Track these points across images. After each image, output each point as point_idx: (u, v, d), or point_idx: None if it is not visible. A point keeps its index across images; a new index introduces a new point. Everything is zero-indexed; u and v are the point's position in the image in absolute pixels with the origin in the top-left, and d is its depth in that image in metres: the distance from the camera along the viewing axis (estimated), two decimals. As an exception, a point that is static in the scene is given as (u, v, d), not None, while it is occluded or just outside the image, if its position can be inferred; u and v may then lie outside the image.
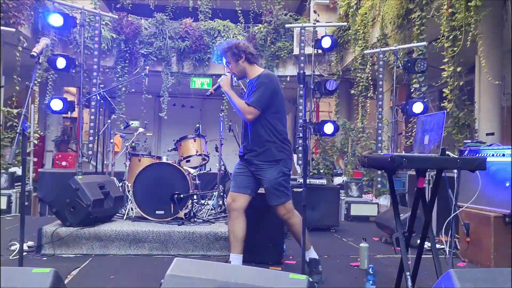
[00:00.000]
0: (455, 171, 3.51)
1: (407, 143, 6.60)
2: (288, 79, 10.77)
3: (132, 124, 6.49)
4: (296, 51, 10.13)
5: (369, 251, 3.84)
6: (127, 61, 10.43)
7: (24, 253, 3.86)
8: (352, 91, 8.65)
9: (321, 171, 7.25)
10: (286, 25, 7.94)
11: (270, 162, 3.30)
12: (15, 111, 7.51)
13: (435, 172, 2.72)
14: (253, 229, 3.90)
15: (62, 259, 3.94)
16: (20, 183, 6.36)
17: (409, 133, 6.79)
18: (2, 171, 6.51)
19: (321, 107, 11.75)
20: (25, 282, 1.88)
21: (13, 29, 7.22)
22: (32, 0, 8.03)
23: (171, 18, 10.86)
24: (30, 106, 8.20)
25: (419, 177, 2.73)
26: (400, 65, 6.11)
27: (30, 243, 4.23)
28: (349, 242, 5.03)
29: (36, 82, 8.84)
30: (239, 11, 10.94)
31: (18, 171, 6.60)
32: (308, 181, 5.45)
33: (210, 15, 11.10)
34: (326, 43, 5.94)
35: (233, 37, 10.71)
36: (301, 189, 5.31)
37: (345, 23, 8.08)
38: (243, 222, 3.39)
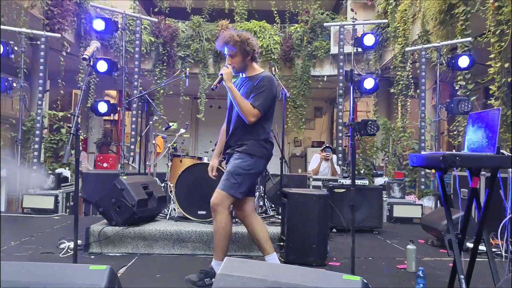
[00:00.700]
0: (510, 170, 3.35)
1: (455, 142, 6.38)
2: (325, 79, 10.66)
3: (172, 125, 6.58)
4: (333, 50, 10.01)
5: (416, 253, 3.74)
6: (165, 64, 10.59)
7: (72, 252, 4.00)
8: (392, 90, 8.47)
9: (361, 171, 7.13)
10: (325, 24, 7.85)
11: (243, 153, 3.22)
12: (60, 114, 7.75)
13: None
14: (296, 230, 3.89)
15: (109, 258, 4.03)
16: (66, 184, 6.59)
17: (454, 132, 6.57)
18: (49, 172, 6.74)
19: (358, 107, 11.57)
20: (82, 278, 1.91)
21: (59, 35, 7.47)
22: (75, 6, 8.28)
23: (208, 20, 10.95)
24: (81, 108, 8.47)
25: (473, 177, 2.62)
26: (443, 62, 5.91)
27: (78, 241, 4.34)
28: (393, 244, 4.91)
29: (79, 86, 9.12)
30: (275, 12, 10.90)
31: (64, 172, 6.82)
32: (350, 181, 5.39)
33: (246, 16, 11.12)
34: (368, 41, 5.83)
35: (269, 37, 10.69)
36: (343, 190, 5.28)
37: (386, 20, 7.91)
38: (259, 222, 3.38)
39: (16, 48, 6.54)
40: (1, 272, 1.90)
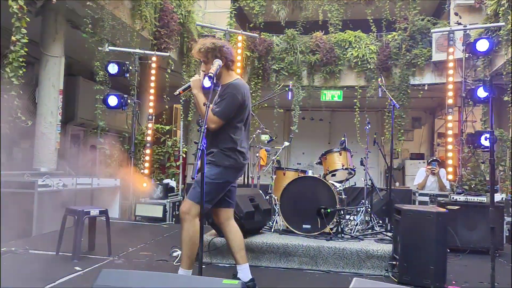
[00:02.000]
0: None
1: None
2: (426, 88, 10.14)
3: (265, 138, 6.66)
4: (435, 57, 9.51)
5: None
6: (260, 77, 10.80)
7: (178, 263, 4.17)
8: (506, 98, 7.78)
9: (472, 186, 6.61)
10: (432, 30, 7.44)
11: (209, 163, 3.22)
12: (166, 127, 8.22)
13: None
14: (411, 249, 3.69)
15: (219, 268, 4.14)
16: (172, 194, 6.94)
17: None
18: (157, 182, 7.17)
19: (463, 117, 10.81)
20: (215, 292, 1.97)
21: (167, 53, 7.97)
22: (179, 26, 8.78)
23: (302, 33, 11.00)
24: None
25: None
26: None
27: (178, 252, 4.51)
28: (517, 268, 4.46)
29: (181, 101, 9.63)
30: (371, 20, 10.65)
31: (171, 182, 7.21)
32: (464, 198, 5.03)
33: (340, 27, 10.99)
34: (482, 46, 5.43)
35: (365, 47, 10.46)
36: (457, 207, 4.93)
37: (502, 23, 7.31)
38: (233, 231, 3.41)
39: (130, 67, 7.09)
40: (131, 280, 2.02)
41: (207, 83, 3.25)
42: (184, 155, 8.48)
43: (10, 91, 4.82)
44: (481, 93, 5.64)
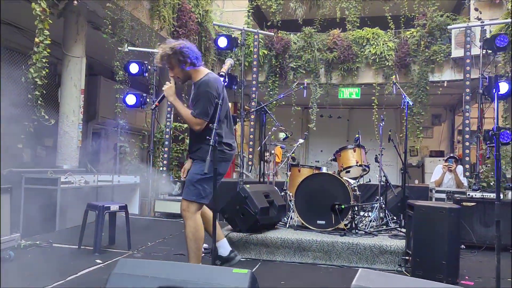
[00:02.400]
0: None
1: None
2: (445, 84, 10.04)
3: (283, 135, 6.72)
4: (454, 53, 9.39)
5: None
6: (277, 75, 10.86)
7: (202, 254, 4.29)
8: (526, 94, 7.67)
9: (491, 183, 6.55)
10: (449, 27, 7.38)
11: (198, 160, 3.32)
12: (184, 125, 8.36)
13: None
14: (423, 244, 3.72)
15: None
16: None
17: None
18: (175, 179, 7.31)
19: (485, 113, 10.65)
20: (226, 280, 2.05)
21: (184, 53, 8.08)
22: (197, 26, 8.91)
23: (319, 30, 11.00)
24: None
25: None
26: None
27: (205, 245, 4.64)
28: (534, 265, 4.42)
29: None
30: (389, 17, 10.58)
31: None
32: (481, 194, 5.01)
33: (358, 24, 10.95)
34: (501, 41, 5.38)
35: (383, 44, 10.41)
36: (473, 204, 4.91)
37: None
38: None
39: (149, 67, 7.25)
40: (147, 269, 2.13)
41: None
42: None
43: (34, 91, 5.01)
44: (502, 89, 5.58)
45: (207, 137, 3.04)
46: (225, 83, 3.37)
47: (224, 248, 3.64)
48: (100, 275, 3.56)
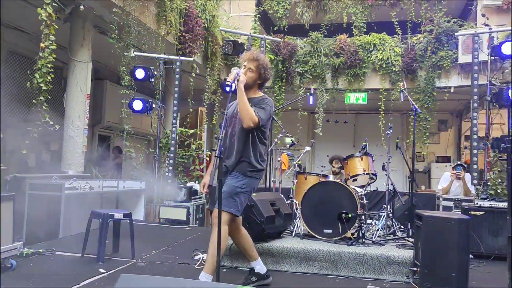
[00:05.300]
0: None
1: None
2: (452, 90, 9.96)
3: (290, 141, 6.67)
4: (461, 59, 9.32)
5: None
6: (284, 80, 10.82)
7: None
8: (535, 101, 7.58)
9: (498, 191, 6.46)
10: (456, 34, 7.33)
11: (239, 173, 3.42)
12: (190, 131, 8.34)
13: None
14: (432, 255, 3.65)
15: (239, 272, 4.17)
16: (196, 197, 7.03)
17: None
18: (181, 185, 7.28)
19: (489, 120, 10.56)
20: (231, 297, 2.01)
21: (191, 58, 8.09)
22: (204, 31, 8.89)
23: (326, 35, 10.97)
24: (222, 131, 9.09)
25: None
26: None
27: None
28: (545, 277, 4.33)
29: (205, 104, 9.74)
30: (396, 22, 10.53)
31: (195, 185, 7.30)
32: (489, 203, 4.93)
33: (364, 29, 10.92)
34: (507, 49, 5.31)
35: (389, 49, 10.35)
36: (481, 213, 4.84)
37: (529, 25, 7.14)
38: (238, 236, 3.61)
39: (155, 72, 7.23)
40: (145, 285, 2.08)
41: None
42: (208, 159, 8.57)
43: (39, 96, 4.99)
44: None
45: (260, 158, 3.42)
46: (231, 92, 3.35)
47: (261, 266, 3.72)
48: (103, 284, 3.52)
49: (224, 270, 4.23)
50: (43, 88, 4.99)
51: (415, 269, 3.88)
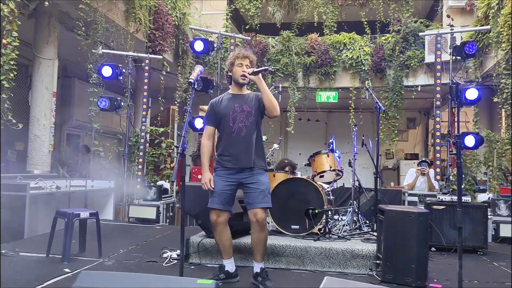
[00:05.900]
0: None
1: None
2: (419, 89, 10.23)
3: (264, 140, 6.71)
4: (428, 59, 9.58)
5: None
6: (255, 79, 10.86)
7: (174, 261, 4.25)
8: (495, 99, 7.86)
9: (462, 187, 6.67)
10: (420, 34, 7.54)
11: (262, 169, 3.62)
12: (160, 129, 8.29)
13: None
14: (393, 248, 3.76)
15: (208, 269, 4.20)
16: (166, 195, 7.01)
17: None
18: (151, 184, 7.24)
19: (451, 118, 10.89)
20: (190, 291, 2.04)
21: (160, 56, 8.04)
22: (174, 28, 8.85)
23: (297, 34, 11.07)
24: (186, 127, 9.05)
25: None
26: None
27: (179, 252, 4.59)
28: (501, 267, 4.53)
29: (176, 102, 9.70)
30: (365, 22, 10.73)
31: (165, 184, 7.27)
32: (450, 198, 5.10)
33: (335, 29, 11.07)
34: (470, 48, 5.50)
35: (359, 49, 10.52)
36: (442, 207, 5.00)
37: (488, 27, 7.38)
38: (228, 232, 3.71)
39: (124, 70, 7.16)
40: (109, 281, 2.09)
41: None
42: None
43: (0, 94, 4.88)
44: (470, 95, 5.70)
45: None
46: (199, 88, 3.38)
47: (233, 265, 3.77)
48: (68, 284, 3.49)
49: (192, 267, 4.25)
50: (5, 85, 4.88)
51: (378, 262, 3.99)
